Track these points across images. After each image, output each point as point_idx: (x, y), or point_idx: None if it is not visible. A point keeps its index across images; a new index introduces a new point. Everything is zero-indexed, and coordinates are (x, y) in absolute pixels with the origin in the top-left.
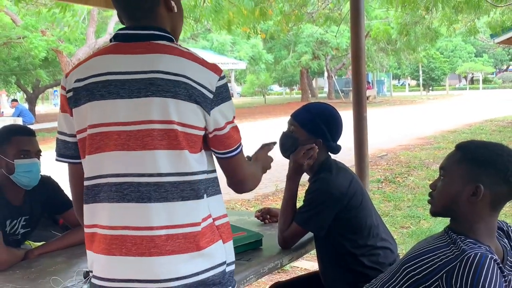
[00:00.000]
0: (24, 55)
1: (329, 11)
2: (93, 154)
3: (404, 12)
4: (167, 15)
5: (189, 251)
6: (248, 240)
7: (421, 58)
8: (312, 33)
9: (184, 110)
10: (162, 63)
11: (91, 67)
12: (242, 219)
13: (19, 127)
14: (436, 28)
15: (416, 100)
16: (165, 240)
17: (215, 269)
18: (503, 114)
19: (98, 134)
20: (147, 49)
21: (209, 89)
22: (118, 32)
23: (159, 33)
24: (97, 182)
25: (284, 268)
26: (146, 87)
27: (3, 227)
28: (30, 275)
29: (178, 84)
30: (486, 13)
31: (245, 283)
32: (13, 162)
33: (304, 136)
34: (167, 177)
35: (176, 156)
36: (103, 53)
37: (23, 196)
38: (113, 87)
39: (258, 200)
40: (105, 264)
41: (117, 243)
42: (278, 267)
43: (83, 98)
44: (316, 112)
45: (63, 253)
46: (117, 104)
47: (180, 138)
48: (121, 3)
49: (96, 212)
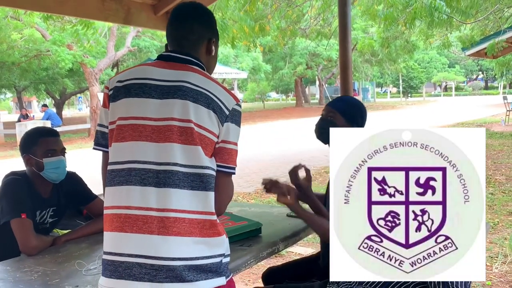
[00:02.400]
0: (52, 65)
1: (320, 27)
2: (119, 142)
3: (386, 28)
4: (205, 55)
5: (193, 235)
6: (248, 228)
7: (401, 68)
8: (305, 47)
9: (201, 113)
10: (191, 77)
11: (132, 73)
12: (243, 209)
13: (43, 130)
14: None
15: (397, 105)
16: (173, 221)
17: (214, 258)
18: (473, 118)
19: (127, 125)
20: (182, 67)
21: (226, 106)
22: (162, 54)
23: (196, 60)
24: (119, 167)
25: (281, 253)
26: (174, 91)
27: (33, 217)
28: (58, 259)
29: (201, 94)
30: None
31: (246, 266)
32: (42, 160)
33: (342, 123)
34: (180, 167)
35: (191, 151)
36: (148, 65)
37: (51, 189)
38: (148, 89)
39: (257, 193)
40: (117, 240)
41: (129, 221)
42: (275, 252)
43: (121, 95)
44: (353, 102)
45: (86, 240)
46: (148, 102)
47: (195, 136)
48: (172, 32)
49: (116, 194)
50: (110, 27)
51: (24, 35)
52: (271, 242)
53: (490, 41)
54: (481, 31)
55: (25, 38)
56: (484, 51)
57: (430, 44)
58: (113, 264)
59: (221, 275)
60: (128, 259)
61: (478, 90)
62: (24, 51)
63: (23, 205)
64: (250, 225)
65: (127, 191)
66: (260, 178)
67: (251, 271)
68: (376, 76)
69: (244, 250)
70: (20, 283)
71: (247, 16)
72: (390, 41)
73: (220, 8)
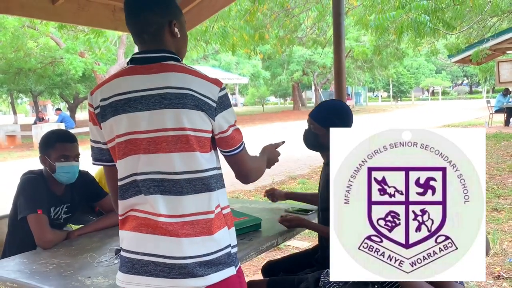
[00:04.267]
0: (66, 72)
1: (316, 35)
2: (122, 159)
3: (378, 37)
4: (171, 39)
5: (201, 235)
6: (249, 223)
7: (392, 74)
8: (302, 54)
9: (193, 117)
10: (171, 79)
11: (113, 88)
12: (244, 206)
13: (63, 134)
14: (404, 50)
15: (387, 109)
16: (182, 225)
17: (222, 251)
18: (459, 120)
19: (125, 142)
20: (159, 69)
21: (212, 99)
22: (134, 57)
23: (168, 55)
24: (127, 181)
25: (279, 246)
26: (160, 101)
27: (48, 213)
28: (71, 252)
29: (186, 96)
30: (444, 37)
31: (247, 259)
32: (55, 164)
33: (323, 132)
34: (181, 175)
35: (188, 157)
36: (123, 74)
37: (65, 187)
38: (133, 102)
39: (257, 191)
40: (134, 240)
41: (144, 224)
42: (274, 246)
43: (108, 114)
44: (328, 108)
45: (98, 234)
46: (137, 116)
47: (192, 141)
48: (131, 28)
49: (129, 204)
50: (120, 36)
51: (39, 43)
52: (270, 236)
53: (474, 48)
54: (466, 39)
55: (41, 46)
56: (469, 58)
57: (419, 52)
58: (131, 261)
59: (231, 265)
60: (144, 258)
61: (463, 95)
62: (40, 58)
63: (39, 202)
64: (250, 220)
65: (139, 199)
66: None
67: (252, 263)
68: (368, 81)
69: (245, 243)
70: (36, 274)
71: (247, 25)
72: (382, 49)
73: (222, 17)
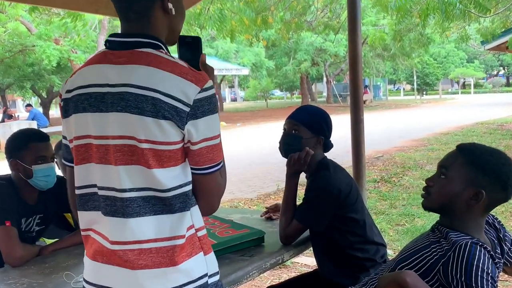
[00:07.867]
0: (38, 61)
1: (327, 19)
2: (79, 165)
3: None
4: (164, 17)
5: (162, 266)
6: (250, 237)
7: (416, 63)
8: (311, 42)
9: (150, 127)
10: (134, 76)
11: (79, 78)
12: (245, 217)
13: (35, 133)
14: (429, 35)
15: (411, 104)
16: (138, 254)
17: (195, 283)
18: (493, 117)
19: (82, 146)
20: (128, 59)
21: (184, 102)
22: (109, 39)
23: (144, 40)
24: (87, 191)
25: (285, 263)
26: (117, 102)
27: (18, 225)
28: (44, 270)
29: (146, 100)
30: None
31: (248, 278)
32: (31, 168)
33: (308, 135)
34: (131, 192)
35: (137, 172)
36: (93, 61)
37: (37, 195)
38: (93, 100)
39: (260, 199)
40: (91, 269)
41: (99, 251)
42: (279, 263)
43: (70, 110)
44: (315, 112)
45: (75, 250)
46: (95, 117)
47: (146, 155)
48: (116, 3)
49: (86, 219)
50: (101, 20)
51: (7, 28)
52: (275, 251)
53: None
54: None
55: (9, 32)
56: (505, 45)
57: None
58: None
59: None
60: None
61: (498, 87)
62: (8, 46)
63: (7, 212)
64: (252, 234)
65: (97, 217)
66: (263, 183)
67: (254, 283)
68: (388, 72)
69: (246, 260)
70: None
71: (248, 7)
72: (403, 34)
73: None
